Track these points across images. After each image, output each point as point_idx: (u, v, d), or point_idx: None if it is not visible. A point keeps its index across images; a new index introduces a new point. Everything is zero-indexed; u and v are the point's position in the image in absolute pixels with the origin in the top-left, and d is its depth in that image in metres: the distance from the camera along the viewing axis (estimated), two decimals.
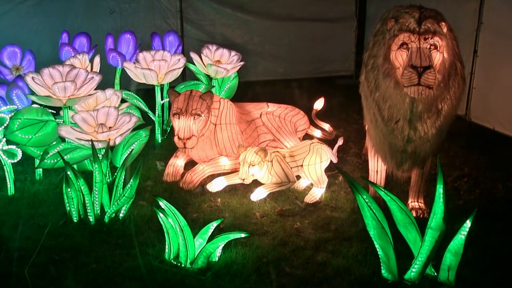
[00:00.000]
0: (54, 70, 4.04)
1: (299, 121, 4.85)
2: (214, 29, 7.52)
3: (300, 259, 3.23)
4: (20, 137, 4.01)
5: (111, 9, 7.02)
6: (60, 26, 6.02)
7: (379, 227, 2.85)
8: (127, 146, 4.16)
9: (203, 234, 3.09)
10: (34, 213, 3.80)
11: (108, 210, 3.66)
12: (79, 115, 3.86)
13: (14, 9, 6.55)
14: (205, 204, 3.94)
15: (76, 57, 4.87)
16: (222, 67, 5.18)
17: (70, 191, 3.57)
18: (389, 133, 3.44)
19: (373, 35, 3.55)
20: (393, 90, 3.28)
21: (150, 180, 4.35)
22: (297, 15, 7.83)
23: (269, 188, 3.92)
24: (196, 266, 3.09)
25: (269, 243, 3.38)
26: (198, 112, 4.06)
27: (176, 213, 3.03)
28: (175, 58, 5.07)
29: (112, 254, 3.27)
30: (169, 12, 7.28)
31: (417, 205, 3.75)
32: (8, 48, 5.19)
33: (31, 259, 3.16)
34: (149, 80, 4.99)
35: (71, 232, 3.54)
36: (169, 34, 5.71)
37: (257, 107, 4.76)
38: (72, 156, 3.93)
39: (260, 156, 3.80)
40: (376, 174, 3.85)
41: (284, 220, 3.70)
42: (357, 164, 4.74)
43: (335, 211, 3.85)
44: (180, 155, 4.47)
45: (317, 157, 3.97)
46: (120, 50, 5.47)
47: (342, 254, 3.26)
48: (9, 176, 4.09)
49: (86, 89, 4.08)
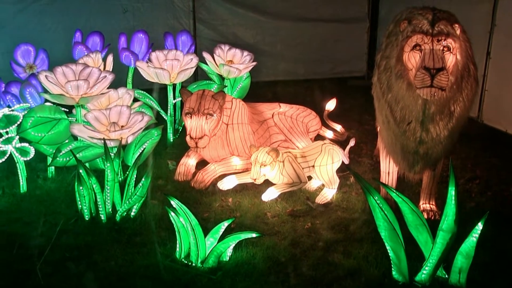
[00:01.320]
0: (67, 69, 4.08)
1: (311, 121, 4.84)
2: (227, 29, 7.53)
3: (311, 259, 3.23)
4: (33, 135, 4.05)
5: (124, 9, 7.06)
6: (73, 25, 6.07)
7: (390, 228, 2.84)
8: (139, 145, 4.19)
9: (214, 233, 3.10)
10: (46, 211, 3.83)
11: (120, 208, 3.68)
12: (92, 114, 3.90)
13: (28, 8, 6.61)
14: (216, 204, 3.95)
15: (89, 56, 4.90)
16: (235, 67, 5.19)
17: (82, 189, 3.60)
18: (401, 135, 3.43)
19: (386, 37, 3.54)
20: (406, 92, 3.27)
21: (161, 179, 4.36)
22: (310, 16, 7.82)
23: (281, 188, 3.92)
24: (206, 265, 3.10)
25: (280, 243, 3.39)
26: (210, 112, 4.08)
27: (188, 212, 3.04)
28: (187, 57, 5.09)
29: (123, 252, 3.29)
30: (182, 12, 7.30)
31: (429, 207, 3.73)
32: (22, 46, 5.25)
33: (43, 256, 3.18)
34: (162, 79, 5.01)
35: (82, 230, 3.57)
36: (182, 33, 5.73)
37: (269, 108, 4.77)
38: (84, 154, 3.97)
39: (271, 156, 3.80)
40: (388, 175, 3.84)
41: (295, 221, 3.70)
42: (368, 165, 4.73)
43: (346, 212, 3.85)
44: (192, 155, 4.49)
45: (328, 158, 3.97)
46: (133, 49, 5.50)
47: (353, 255, 3.26)
48: (22, 174, 4.13)
49: (99, 87, 4.11)
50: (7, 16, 6.52)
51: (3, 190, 4.12)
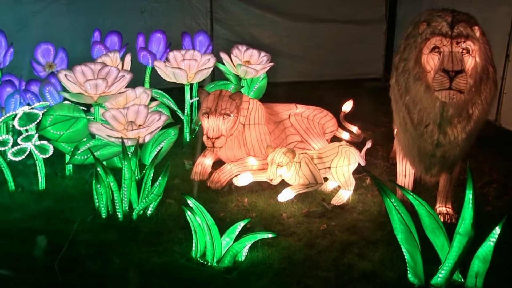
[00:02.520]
0: (86, 68, 4.13)
1: (327, 123, 4.83)
2: (243, 30, 7.54)
3: (326, 261, 3.22)
4: (52, 133, 4.11)
5: (142, 9, 7.11)
6: (92, 24, 6.13)
7: (406, 231, 2.82)
8: (156, 144, 4.23)
9: (230, 233, 3.12)
10: (64, 208, 3.89)
11: (136, 207, 3.72)
12: (110, 113, 3.94)
13: (48, 8, 6.70)
14: (232, 204, 3.97)
15: (108, 55, 4.96)
16: (252, 68, 5.21)
17: (99, 187, 3.64)
18: (418, 137, 3.41)
19: (404, 38, 3.51)
20: (424, 94, 3.25)
21: (178, 179, 4.39)
22: (327, 17, 7.79)
23: (297, 189, 3.92)
24: (222, 265, 3.12)
25: (296, 244, 3.39)
26: (228, 112, 4.09)
27: (204, 211, 3.06)
28: (205, 57, 5.11)
29: (140, 250, 3.32)
30: (199, 12, 7.34)
31: (445, 210, 3.70)
32: (42, 45, 5.32)
33: (61, 253, 3.23)
34: (179, 79, 5.05)
35: (99, 227, 3.61)
36: (200, 34, 5.76)
37: (286, 108, 4.76)
38: (102, 152, 4.02)
39: (288, 157, 3.80)
40: (404, 178, 3.81)
41: (311, 222, 3.70)
42: (384, 168, 4.70)
43: (362, 214, 3.83)
44: (208, 154, 4.51)
45: (345, 159, 3.96)
46: (150, 49, 5.55)
47: (368, 257, 3.25)
48: (41, 171, 4.19)
49: (117, 87, 4.16)
50: (28, 16, 6.62)
51: (22, 187, 4.18)
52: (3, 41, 5.28)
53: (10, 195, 4.10)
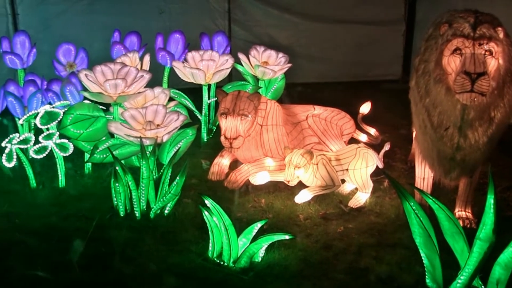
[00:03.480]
0: (106, 68, 4.18)
1: (345, 124, 4.80)
2: (261, 30, 7.54)
3: (342, 263, 3.21)
4: (72, 131, 4.17)
5: (161, 9, 7.16)
6: (112, 25, 6.18)
7: (425, 235, 2.79)
8: (174, 144, 4.26)
9: (247, 234, 3.12)
10: (83, 206, 3.93)
11: (154, 206, 3.74)
12: (128, 112, 3.98)
13: (70, 9, 6.79)
14: (249, 204, 3.97)
15: (127, 55, 5.01)
16: (270, 69, 5.20)
17: (118, 186, 3.68)
18: (438, 140, 3.37)
19: (425, 40, 3.48)
20: (444, 96, 3.21)
21: (195, 178, 4.41)
22: (345, 18, 7.75)
23: (314, 191, 3.91)
24: (238, 265, 3.12)
25: (312, 246, 3.38)
26: (245, 113, 4.10)
27: (221, 212, 3.07)
28: (223, 58, 5.13)
29: (157, 249, 3.34)
30: (217, 13, 7.36)
31: (465, 214, 3.65)
32: (63, 45, 5.41)
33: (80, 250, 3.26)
34: (197, 79, 5.07)
35: (117, 225, 3.64)
36: (218, 34, 5.78)
37: (304, 109, 4.75)
38: (120, 151, 4.06)
39: (306, 159, 3.79)
40: (423, 181, 3.77)
41: (328, 224, 3.69)
42: (402, 170, 4.66)
43: (379, 217, 3.80)
44: (226, 155, 4.52)
45: (363, 161, 3.93)
46: (169, 49, 5.58)
47: (385, 260, 3.22)
48: (61, 169, 4.25)
49: (136, 86, 4.19)
50: (51, 17, 6.73)
51: (43, 184, 4.25)
52: (27, 42, 5.38)
53: (32, 191, 4.17)
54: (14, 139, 4.09)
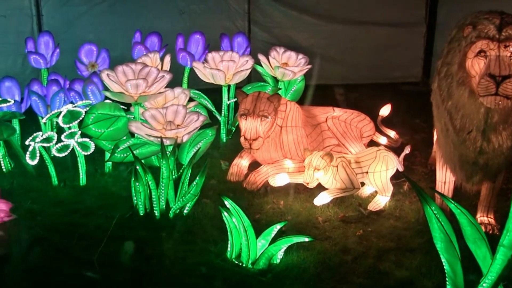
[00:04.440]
0: (127, 68, 4.22)
1: (364, 127, 4.76)
2: (280, 32, 7.53)
3: (361, 267, 3.18)
4: (94, 130, 4.21)
5: (181, 10, 7.20)
6: (133, 25, 6.26)
7: (447, 240, 2.74)
8: (194, 144, 4.28)
9: (266, 235, 3.12)
10: (103, 204, 3.98)
11: (173, 206, 3.76)
12: (149, 112, 4.01)
13: (92, 9, 6.88)
14: (268, 206, 3.96)
15: (148, 56, 5.04)
16: (289, 70, 5.20)
17: (138, 185, 3.71)
18: (460, 144, 3.32)
19: (448, 42, 3.43)
20: (467, 99, 3.17)
21: (214, 179, 4.42)
22: (365, 19, 7.69)
23: (333, 193, 3.89)
24: (257, 266, 3.12)
25: (331, 249, 3.36)
26: (265, 114, 4.10)
27: (241, 213, 3.07)
28: (243, 59, 5.13)
29: (176, 249, 3.36)
30: (237, 14, 7.37)
31: (487, 220, 3.59)
32: (85, 46, 5.48)
33: (100, 247, 3.30)
34: (217, 80, 5.08)
35: (137, 224, 3.68)
36: (238, 35, 5.79)
37: (323, 111, 4.73)
38: (140, 151, 4.09)
39: (325, 161, 3.78)
40: (444, 185, 3.73)
41: (347, 227, 3.66)
42: (422, 174, 4.60)
43: (399, 221, 3.77)
44: (245, 156, 4.53)
45: (383, 164, 3.90)
46: (189, 50, 5.61)
47: (405, 265, 3.18)
48: (82, 167, 4.31)
49: (157, 87, 4.22)
50: (74, 18, 6.83)
51: (64, 182, 4.31)
52: (50, 42, 5.47)
53: (54, 189, 4.24)
54: (38, 137, 4.16)
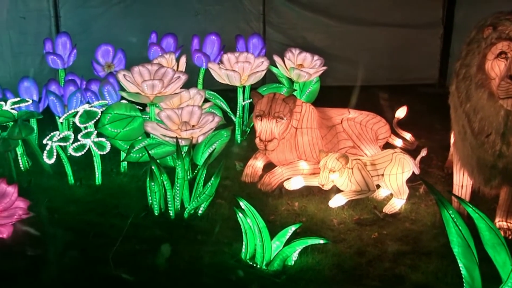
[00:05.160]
0: (143, 69, 4.25)
1: (380, 129, 4.73)
2: (295, 33, 7.52)
3: (377, 270, 3.15)
4: (110, 130, 4.24)
5: (196, 11, 7.23)
6: (148, 26, 6.30)
7: (464, 245, 2.70)
8: (209, 145, 4.29)
9: (281, 237, 3.11)
10: (118, 203, 4.00)
11: (188, 206, 3.77)
12: (165, 113, 4.03)
13: (109, 11, 6.95)
14: (282, 207, 3.95)
15: (163, 57, 5.08)
16: (305, 71, 5.18)
17: (153, 185, 3.72)
18: (479, 147, 3.28)
19: (466, 44, 3.39)
20: (486, 102, 3.13)
21: (228, 180, 4.41)
22: (380, 21, 7.64)
23: (348, 195, 3.87)
24: (271, 268, 3.11)
25: (346, 251, 3.34)
26: (281, 115, 4.09)
27: (256, 214, 3.07)
28: (258, 60, 5.13)
29: (190, 249, 3.36)
30: (252, 15, 7.37)
31: (506, 225, 3.53)
32: (102, 46, 5.55)
33: (115, 246, 3.32)
34: (232, 81, 5.09)
35: (151, 224, 3.69)
36: (253, 36, 5.80)
37: (338, 113, 4.70)
38: (156, 151, 4.11)
39: (341, 163, 3.76)
40: (461, 188, 3.68)
41: (362, 229, 3.64)
42: (439, 177, 4.55)
43: (414, 224, 3.73)
44: (259, 157, 4.52)
45: (399, 167, 3.87)
46: (205, 51, 5.63)
47: (421, 269, 3.15)
48: (98, 167, 4.34)
49: (173, 87, 4.24)
50: (91, 19, 6.92)
51: (80, 181, 4.35)
52: (68, 43, 5.53)
53: (70, 188, 4.28)
54: (55, 136, 4.21)
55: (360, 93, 7.10)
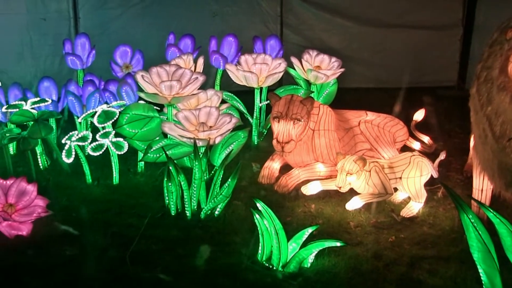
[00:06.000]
0: (161, 69, 4.27)
1: (398, 131, 4.69)
2: (313, 34, 7.50)
3: (394, 274, 3.12)
4: (128, 130, 4.27)
5: (214, 13, 7.26)
6: (166, 27, 6.35)
7: (484, 250, 2.66)
8: (226, 146, 4.30)
9: (297, 239, 3.09)
10: (135, 203, 4.03)
11: (205, 206, 3.78)
12: (182, 113, 4.05)
13: (127, 12, 7.02)
14: (299, 209, 3.94)
15: (181, 58, 5.10)
16: (322, 73, 5.16)
17: (170, 185, 3.74)
18: (500, 151, 3.22)
19: (488, 46, 3.34)
20: (509, 105, 3.06)
21: (245, 181, 4.42)
22: (398, 22, 7.58)
23: (365, 198, 3.84)
24: (287, 270, 3.10)
25: (362, 255, 3.31)
26: (298, 117, 4.08)
27: (272, 215, 3.06)
28: (276, 62, 5.13)
29: (206, 249, 3.36)
30: (269, 17, 7.38)
31: None
32: (120, 47, 5.59)
33: (132, 246, 3.35)
34: (250, 82, 5.09)
35: (168, 224, 3.71)
36: (271, 38, 5.80)
37: (356, 115, 4.67)
38: (173, 152, 4.13)
39: (358, 165, 3.73)
40: (481, 193, 3.62)
41: (379, 232, 3.61)
42: (457, 181, 4.49)
43: (432, 228, 3.68)
44: (276, 158, 4.51)
45: (417, 170, 3.83)
46: (222, 52, 5.64)
47: (439, 274, 3.11)
48: (115, 167, 4.38)
49: (190, 88, 4.26)
50: (109, 20, 7.00)
51: (98, 180, 4.39)
52: (87, 44, 5.59)
53: (87, 187, 4.32)
54: (73, 136, 4.25)
55: (377, 95, 7.09)
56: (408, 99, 6.54)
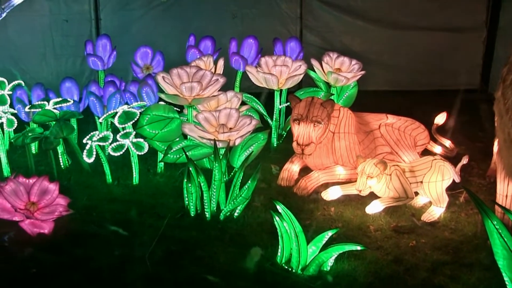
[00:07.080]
0: (182, 71, 4.29)
1: (419, 135, 4.63)
2: (333, 37, 7.46)
3: (415, 279, 3.08)
4: (148, 131, 4.31)
5: (234, 14, 7.27)
6: (187, 29, 6.38)
7: (510, 257, 2.61)
8: (245, 148, 4.30)
9: (317, 242, 3.08)
10: (155, 203, 4.06)
11: (224, 208, 3.78)
12: (202, 115, 4.06)
13: (148, 14, 7.09)
14: (318, 212, 3.92)
15: (201, 59, 5.11)
16: (343, 76, 5.13)
17: (190, 186, 3.75)
18: None
19: None
20: None
21: (264, 183, 4.41)
22: (419, 24, 7.49)
23: (386, 202, 3.80)
24: (307, 273, 3.08)
25: (383, 259, 3.28)
26: (319, 120, 4.06)
27: (292, 218, 3.05)
28: (296, 64, 5.11)
29: (226, 251, 3.37)
30: (289, 19, 7.36)
31: None
32: (141, 49, 5.64)
33: (151, 246, 3.36)
34: (270, 84, 5.08)
35: (187, 225, 3.72)
36: (291, 40, 5.78)
37: (376, 118, 4.63)
38: (193, 153, 4.15)
39: (379, 169, 3.69)
40: (505, 198, 3.55)
41: (399, 237, 3.56)
42: (480, 186, 4.42)
43: (454, 233, 3.62)
44: (296, 161, 4.49)
45: (438, 174, 3.77)
46: (242, 54, 5.65)
47: (461, 280, 3.06)
48: (135, 167, 4.41)
49: (211, 90, 4.27)
50: (131, 21, 7.08)
51: (118, 180, 4.43)
52: (108, 45, 5.65)
53: (108, 187, 4.37)
54: (94, 136, 4.30)
55: (398, 98, 7.01)
56: (429, 102, 6.47)
